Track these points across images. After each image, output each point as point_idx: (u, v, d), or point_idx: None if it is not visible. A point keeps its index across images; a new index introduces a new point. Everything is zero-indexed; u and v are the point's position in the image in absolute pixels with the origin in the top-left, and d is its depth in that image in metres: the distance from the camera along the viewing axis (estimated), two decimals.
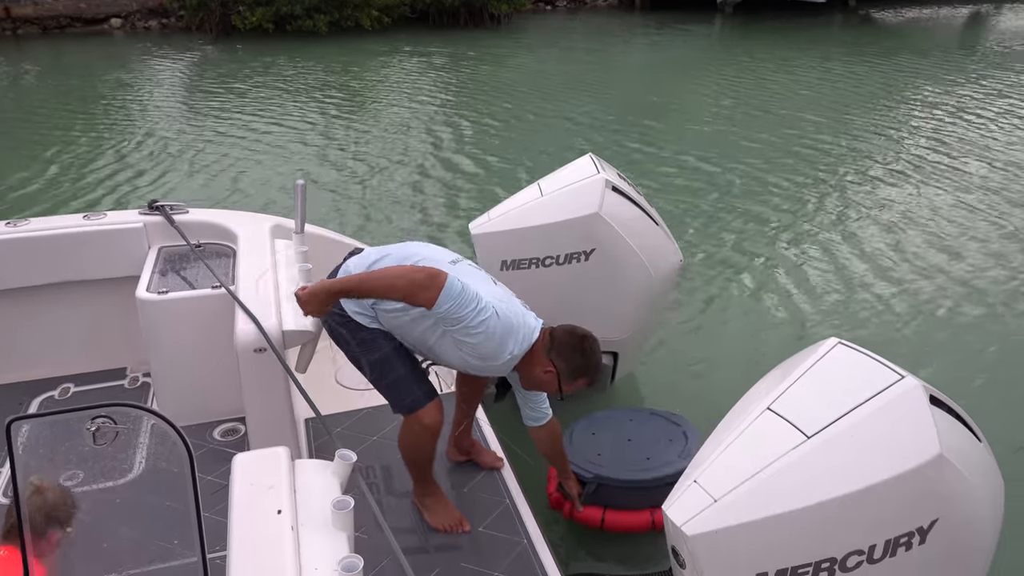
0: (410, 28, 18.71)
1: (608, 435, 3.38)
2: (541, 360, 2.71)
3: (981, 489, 2.01)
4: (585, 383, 2.80)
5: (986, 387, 4.85)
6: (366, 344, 2.87)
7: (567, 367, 2.71)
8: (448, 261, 2.80)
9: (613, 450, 3.26)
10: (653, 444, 3.26)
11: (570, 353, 2.70)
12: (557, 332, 2.74)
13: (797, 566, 1.91)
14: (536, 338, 2.71)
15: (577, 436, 3.42)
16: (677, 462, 3.09)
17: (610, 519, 3.17)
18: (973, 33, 20.25)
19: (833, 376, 2.08)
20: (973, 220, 7.53)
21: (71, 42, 17.28)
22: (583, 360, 2.71)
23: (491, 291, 2.72)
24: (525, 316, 2.74)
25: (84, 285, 3.97)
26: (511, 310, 2.69)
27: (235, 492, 2.01)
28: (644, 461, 3.14)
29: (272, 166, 9.13)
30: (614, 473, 3.16)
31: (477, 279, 2.74)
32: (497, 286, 2.81)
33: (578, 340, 2.72)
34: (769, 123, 10.99)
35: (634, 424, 3.41)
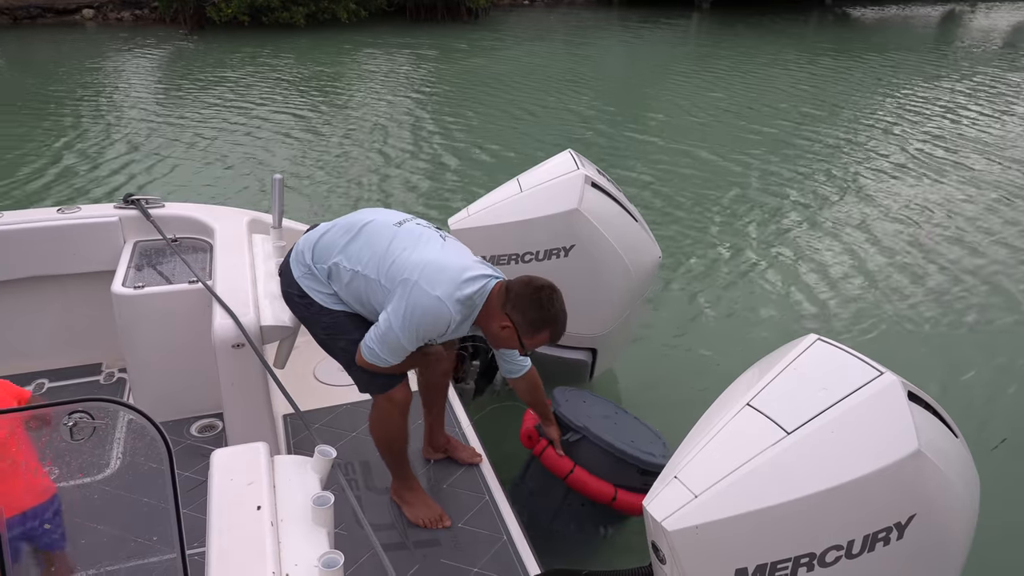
0: (387, 21, 18.62)
1: (597, 410, 3.33)
2: (497, 315, 2.62)
3: (958, 485, 2.03)
4: (547, 337, 2.66)
5: (964, 383, 4.92)
6: (331, 330, 2.87)
7: (523, 320, 2.59)
8: (394, 223, 2.77)
9: (600, 421, 3.20)
10: (637, 434, 3.25)
11: (526, 305, 2.58)
12: (513, 284, 2.62)
13: (777, 561, 1.92)
14: (488, 290, 2.63)
15: (570, 396, 3.34)
16: (657, 457, 3.07)
17: (577, 475, 3.05)
18: (948, 31, 20.51)
19: (812, 372, 2.10)
20: (951, 216, 7.64)
21: (43, 33, 17.01)
22: (540, 312, 2.58)
23: (424, 255, 2.62)
24: (466, 272, 2.61)
25: (58, 280, 3.92)
26: (441, 271, 2.58)
27: (214, 488, 2.00)
28: (629, 442, 3.10)
29: (249, 160, 9.06)
30: (605, 435, 3.08)
31: (420, 241, 2.69)
32: (445, 243, 2.73)
33: (534, 291, 2.58)
34: (746, 119, 11.06)
35: (619, 417, 3.39)
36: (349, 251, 2.75)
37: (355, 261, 2.73)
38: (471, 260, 2.72)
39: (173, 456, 1.73)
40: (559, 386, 3.37)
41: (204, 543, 1.87)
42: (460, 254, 2.72)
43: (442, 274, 2.58)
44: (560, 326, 2.64)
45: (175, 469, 1.73)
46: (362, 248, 2.73)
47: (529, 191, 3.77)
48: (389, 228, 2.75)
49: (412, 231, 2.75)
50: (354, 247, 2.75)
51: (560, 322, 2.64)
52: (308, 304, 2.87)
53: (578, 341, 4.03)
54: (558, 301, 2.61)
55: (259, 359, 3.01)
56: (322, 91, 12.33)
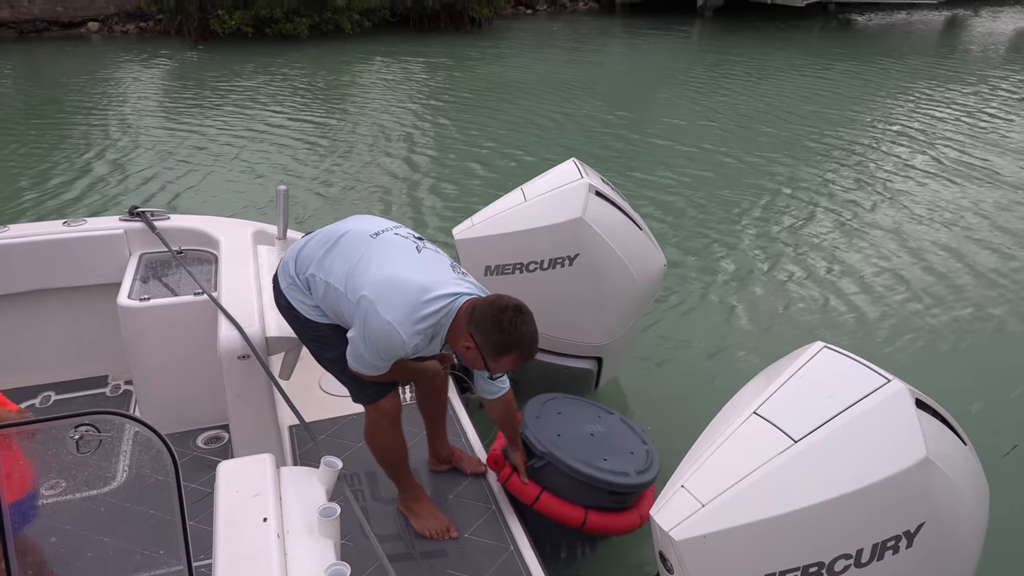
0: (391, 32, 18.67)
1: (575, 421, 3.18)
2: (462, 335, 2.51)
3: (967, 492, 2.02)
4: (514, 360, 2.51)
5: (972, 391, 4.89)
6: (319, 342, 2.88)
7: (486, 342, 2.45)
8: (371, 233, 2.70)
9: (574, 438, 3.07)
10: (615, 449, 3.07)
11: (488, 327, 2.43)
12: (478, 303, 2.49)
13: (785, 570, 1.91)
14: (456, 309, 2.53)
15: (545, 409, 3.22)
16: (632, 477, 2.92)
17: (544, 502, 2.98)
18: (952, 37, 20.50)
19: (819, 380, 2.09)
20: (959, 224, 7.62)
21: (48, 47, 17.10)
22: (501, 336, 2.43)
23: (387, 271, 2.55)
24: (428, 293, 2.50)
25: (64, 292, 3.93)
26: (398, 291, 2.49)
27: (220, 500, 2.00)
28: (601, 461, 2.94)
29: (254, 171, 9.08)
30: (567, 458, 2.92)
31: (388, 254, 2.62)
32: (419, 255, 2.64)
33: (497, 312, 2.43)
34: (750, 128, 11.06)
35: (603, 423, 3.25)
36: (324, 263, 2.72)
37: (328, 273, 2.70)
38: (442, 276, 2.59)
39: (179, 468, 1.73)
40: (534, 396, 3.28)
41: (210, 555, 1.87)
42: (429, 269, 2.60)
43: (398, 295, 2.49)
44: (527, 349, 2.49)
45: (181, 481, 1.73)
46: (335, 260, 2.70)
47: (533, 200, 3.77)
48: (364, 239, 2.69)
49: (387, 242, 2.67)
50: (329, 259, 2.72)
51: (526, 345, 2.48)
52: (295, 316, 2.88)
53: (583, 350, 4.03)
54: (523, 323, 2.45)
55: (265, 370, 3.02)
56: (326, 102, 12.37)
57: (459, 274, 2.68)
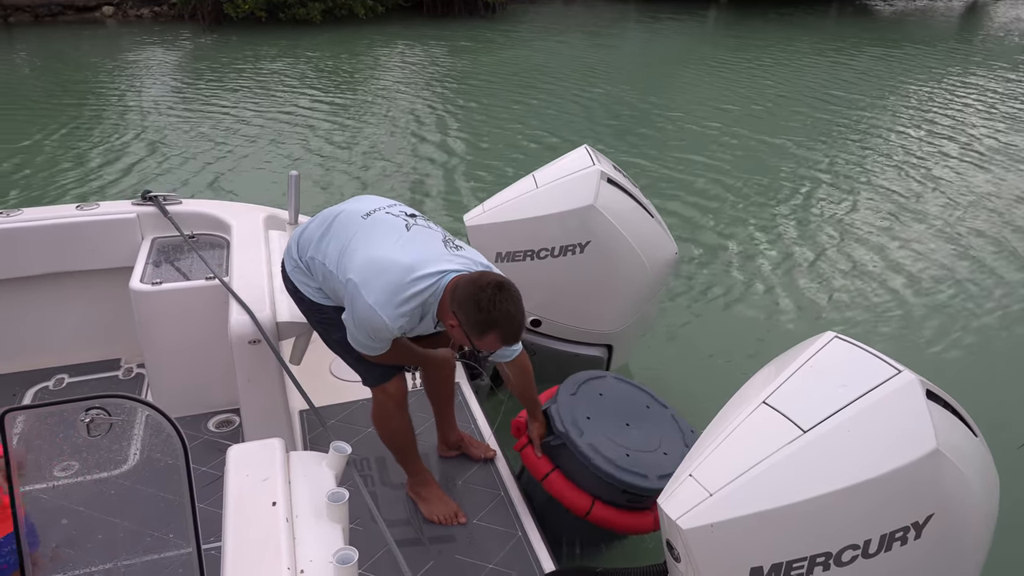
0: (404, 17, 18.62)
1: (614, 406, 3.04)
2: (447, 312, 2.47)
3: (977, 484, 2.01)
4: (496, 339, 2.43)
5: (983, 382, 4.86)
6: (325, 324, 2.89)
7: (467, 320, 2.39)
8: (363, 214, 2.70)
9: (604, 424, 2.94)
10: (647, 445, 2.91)
11: (468, 305, 2.37)
12: (461, 281, 2.43)
13: (792, 560, 1.91)
14: (443, 286, 2.49)
15: (585, 388, 3.09)
16: (650, 480, 2.77)
17: (553, 480, 2.90)
18: (971, 24, 20.25)
19: (829, 370, 2.07)
20: (972, 213, 7.55)
21: (63, 30, 17.14)
22: (479, 314, 2.36)
23: (372, 252, 2.53)
24: (413, 272, 2.48)
25: (77, 276, 3.96)
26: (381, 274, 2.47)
27: (230, 484, 2.01)
28: (623, 455, 2.82)
29: (266, 157, 9.09)
30: (584, 446, 2.82)
31: (375, 234, 2.60)
32: (408, 233, 2.61)
33: (476, 290, 2.36)
34: (765, 114, 10.98)
35: (649, 415, 3.06)
36: (321, 245, 2.73)
37: (325, 255, 2.70)
38: (430, 254, 2.54)
39: (189, 452, 1.74)
40: (581, 371, 3.19)
41: (220, 538, 1.88)
42: (417, 249, 2.55)
43: (380, 278, 2.48)
44: (510, 328, 2.41)
45: (191, 465, 1.75)
46: (330, 242, 2.70)
47: (545, 187, 3.76)
48: (355, 221, 2.68)
49: (376, 223, 2.65)
50: (324, 241, 2.73)
51: (507, 324, 2.40)
52: (301, 299, 2.90)
53: (594, 337, 4.02)
54: (503, 302, 2.36)
55: (275, 355, 3.03)
56: (339, 87, 12.35)
57: (451, 249, 2.61)
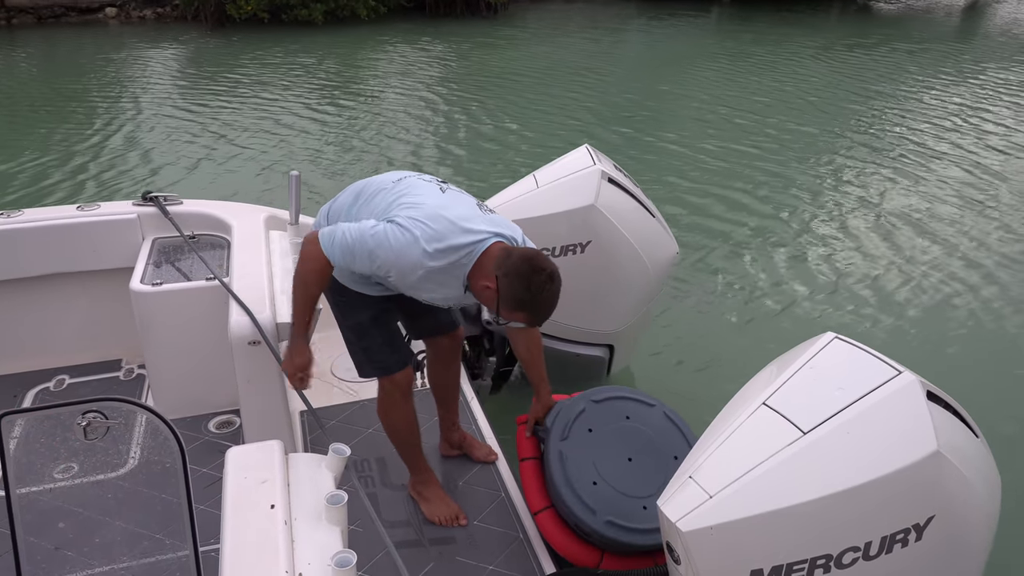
0: (406, 17, 18.62)
1: (629, 435, 2.83)
2: (487, 272, 2.46)
3: (978, 485, 2.00)
4: (524, 318, 2.48)
5: (984, 383, 4.84)
6: (343, 307, 2.88)
7: (508, 291, 2.42)
8: (393, 180, 2.71)
9: (602, 445, 2.79)
10: (630, 488, 2.70)
11: (516, 280, 2.40)
12: (515, 252, 2.44)
13: (793, 563, 1.90)
14: (485, 247, 2.48)
15: (614, 403, 2.91)
16: (596, 520, 2.61)
17: (527, 468, 2.87)
18: (972, 23, 20.21)
19: (829, 371, 2.06)
20: (972, 214, 7.53)
21: (66, 31, 17.17)
22: (527, 295, 2.40)
23: (419, 199, 2.53)
24: (464, 222, 2.48)
25: (78, 276, 3.96)
26: (431, 223, 2.45)
27: (228, 486, 2.01)
28: (587, 483, 2.66)
29: (266, 157, 9.09)
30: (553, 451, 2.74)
31: (415, 190, 2.60)
32: (444, 193, 2.61)
33: (529, 271, 2.39)
34: (768, 114, 10.96)
35: (671, 465, 2.73)
36: (352, 211, 2.73)
37: (357, 220, 2.67)
38: (470, 212, 2.56)
39: (186, 454, 1.74)
40: (638, 390, 3.02)
41: (219, 540, 1.87)
42: (457, 206, 2.56)
43: (425, 221, 2.46)
44: (540, 314, 2.47)
45: (188, 467, 1.74)
46: (363, 207, 2.70)
47: (546, 187, 3.75)
48: (387, 185, 2.70)
49: (410, 184, 2.68)
50: (356, 207, 2.73)
51: (541, 311, 2.46)
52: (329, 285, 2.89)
53: (595, 337, 4.01)
54: (549, 291, 2.42)
55: (274, 357, 3.02)
56: (340, 88, 12.36)
57: (485, 211, 2.63)
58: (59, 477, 2.84)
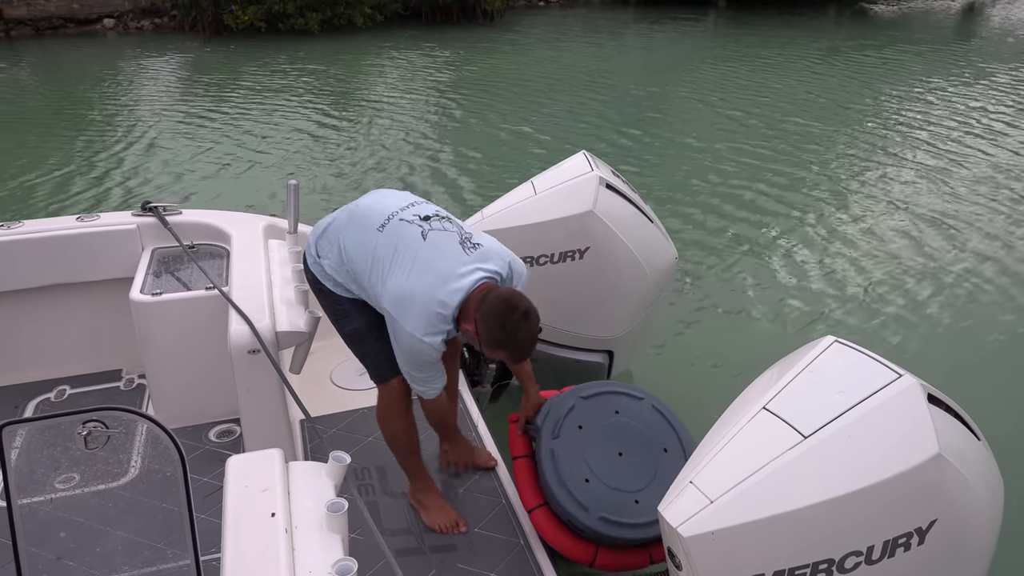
0: (403, 25, 18.66)
1: (619, 430, 2.87)
2: (469, 316, 2.53)
3: (980, 489, 2.00)
4: (505, 357, 2.57)
5: (985, 385, 4.83)
6: (338, 315, 2.92)
7: (485, 332, 2.48)
8: (377, 226, 2.69)
9: (592, 440, 2.80)
10: (621, 482, 2.73)
11: (491, 321, 2.46)
12: (491, 294, 2.49)
13: (794, 567, 1.89)
14: (469, 292, 2.53)
15: (603, 398, 2.95)
16: (588, 516, 2.64)
17: (520, 466, 2.89)
18: (969, 26, 20.26)
19: (830, 375, 2.06)
20: (972, 217, 7.53)
21: (64, 43, 17.20)
22: (501, 335, 2.46)
23: (396, 284, 2.57)
24: (441, 291, 2.52)
25: (78, 287, 3.96)
26: (410, 305, 2.54)
27: (229, 495, 2.00)
28: (579, 480, 2.69)
29: (265, 166, 9.10)
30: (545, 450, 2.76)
31: (395, 259, 2.61)
32: (425, 244, 2.61)
33: (504, 312, 2.44)
34: (765, 118, 10.98)
35: (662, 457, 2.82)
36: (343, 254, 2.77)
37: (348, 266, 2.76)
38: (450, 264, 2.57)
39: (187, 464, 1.73)
40: (626, 384, 3.07)
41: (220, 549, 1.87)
42: (437, 265, 2.57)
43: (412, 308, 2.54)
44: (518, 351, 2.55)
45: (189, 476, 1.74)
46: (353, 253, 2.74)
47: (543, 193, 3.75)
48: (372, 234, 2.69)
49: (393, 235, 2.65)
50: (347, 251, 2.76)
51: (522, 348, 2.53)
52: (320, 289, 2.93)
53: (595, 343, 4.01)
54: (525, 329, 2.47)
55: (273, 366, 3.02)
56: (338, 96, 12.38)
57: (469, 250, 2.62)
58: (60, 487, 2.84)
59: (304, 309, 3.36)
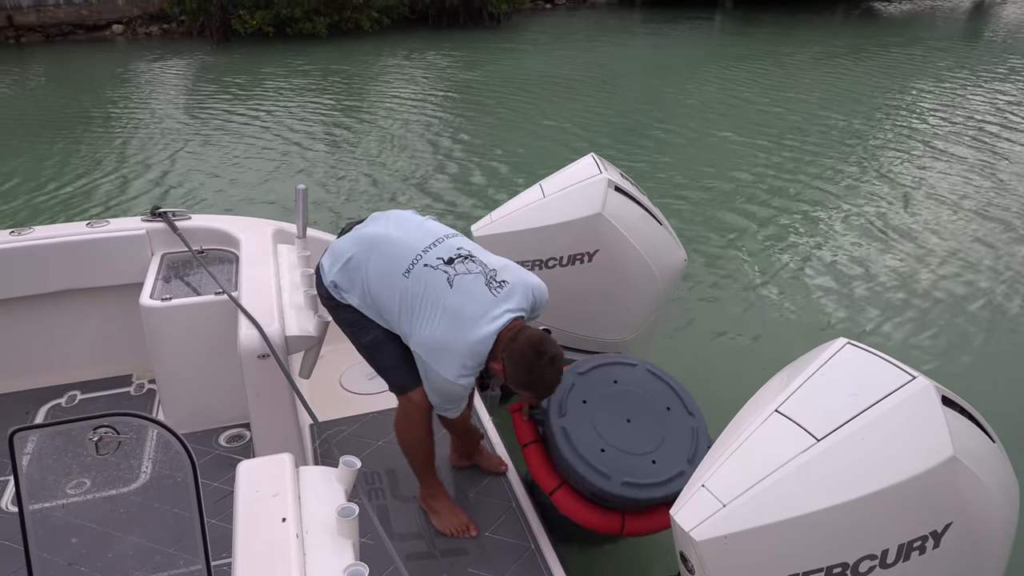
0: (410, 29, 18.71)
1: (621, 397, 2.94)
2: (498, 352, 2.59)
3: (996, 491, 1.98)
4: (529, 397, 2.69)
5: (1000, 387, 4.80)
6: (355, 327, 2.90)
7: (513, 372, 2.57)
8: (403, 271, 2.69)
9: (599, 411, 2.86)
10: (635, 446, 2.79)
11: (519, 365, 2.55)
12: (521, 337, 2.55)
13: (808, 571, 1.88)
14: (499, 332, 2.58)
15: (599, 370, 3.02)
16: (611, 483, 2.69)
17: (531, 452, 2.93)
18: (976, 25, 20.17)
19: (842, 377, 2.05)
20: (985, 216, 7.49)
21: (74, 49, 17.30)
22: (528, 378, 2.56)
23: (425, 333, 2.63)
24: (471, 339, 2.58)
25: (88, 293, 3.97)
26: (442, 352, 2.60)
27: (239, 500, 2.00)
28: (596, 450, 2.75)
29: (273, 171, 9.13)
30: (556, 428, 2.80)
31: (423, 308, 2.64)
32: (452, 290, 2.63)
33: (532, 358, 2.52)
34: (772, 119, 10.95)
35: (666, 416, 2.92)
36: (366, 290, 2.78)
37: (373, 301, 2.77)
38: (477, 313, 2.60)
39: (197, 469, 1.73)
40: (613, 353, 3.14)
41: (231, 554, 1.87)
42: (466, 313, 2.60)
43: (445, 354, 2.61)
44: (543, 392, 2.65)
45: (199, 481, 1.74)
46: (378, 292, 2.75)
47: (552, 196, 3.74)
48: (398, 281, 2.69)
49: (418, 285, 2.66)
50: (371, 288, 2.77)
51: (544, 389, 2.63)
52: (335, 305, 2.90)
53: (604, 346, 4.00)
54: (550, 374, 2.57)
55: (283, 370, 3.02)
56: (346, 100, 12.40)
57: (495, 291, 2.64)
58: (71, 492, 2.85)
59: (313, 313, 3.36)
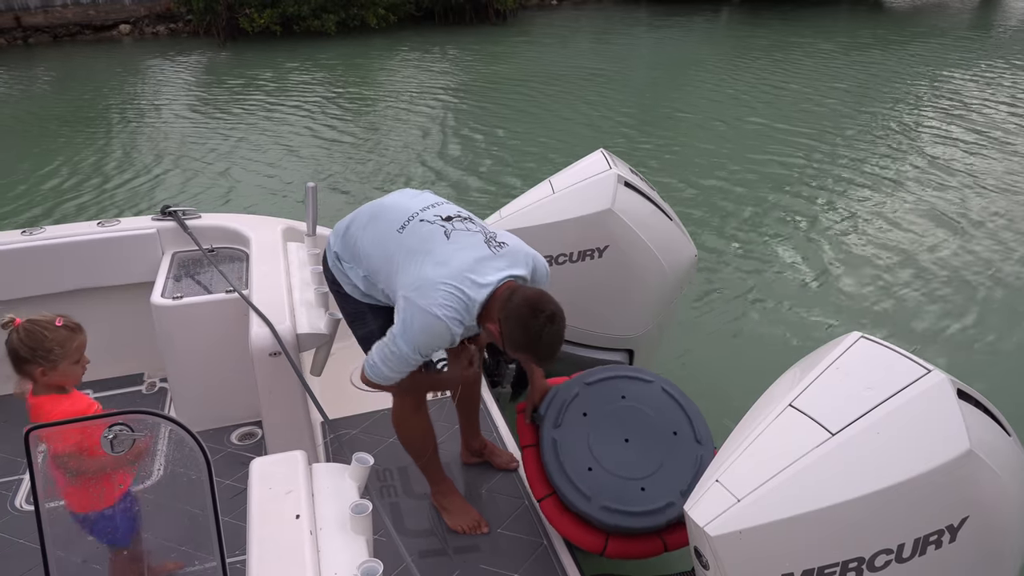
0: (416, 26, 18.71)
1: (625, 415, 2.82)
2: (493, 316, 2.48)
3: (1012, 485, 1.97)
4: (528, 360, 2.56)
5: (1016, 381, 4.77)
6: (354, 318, 2.90)
7: (509, 334, 2.44)
8: (397, 228, 2.64)
9: (597, 427, 2.77)
10: (626, 470, 2.68)
11: (515, 323, 2.41)
12: (517, 294, 2.44)
13: (824, 566, 1.87)
14: (492, 292, 2.48)
15: (609, 383, 2.90)
16: (591, 505, 2.60)
17: (528, 456, 2.86)
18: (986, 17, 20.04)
19: (857, 371, 2.04)
20: (998, 209, 7.44)
21: (81, 49, 17.36)
22: (525, 338, 2.42)
23: (420, 271, 2.50)
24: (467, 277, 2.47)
25: (100, 292, 3.98)
26: (435, 287, 2.45)
27: (253, 497, 2.01)
28: (582, 468, 2.67)
29: (283, 169, 9.14)
30: (547, 438, 2.74)
31: (419, 251, 2.55)
32: (448, 241, 2.55)
33: (529, 314, 2.40)
34: (781, 114, 10.91)
35: (671, 441, 2.76)
36: (361, 254, 2.73)
37: (366, 266, 2.72)
38: (473, 263, 2.51)
39: (212, 466, 1.74)
40: (632, 366, 3.04)
41: (245, 551, 1.87)
42: (461, 259, 2.52)
43: (432, 287, 2.46)
44: (542, 354, 2.48)
45: (214, 479, 1.74)
46: (371, 249, 2.69)
47: (562, 192, 3.74)
48: (392, 236, 2.64)
49: (415, 235, 2.60)
50: (364, 243, 2.72)
51: (544, 351, 2.47)
52: (338, 291, 2.90)
53: (614, 343, 3.99)
54: (549, 332, 2.42)
55: (294, 368, 3.03)
56: (354, 98, 12.41)
57: (494, 249, 2.58)
58: None
59: (324, 311, 3.37)
